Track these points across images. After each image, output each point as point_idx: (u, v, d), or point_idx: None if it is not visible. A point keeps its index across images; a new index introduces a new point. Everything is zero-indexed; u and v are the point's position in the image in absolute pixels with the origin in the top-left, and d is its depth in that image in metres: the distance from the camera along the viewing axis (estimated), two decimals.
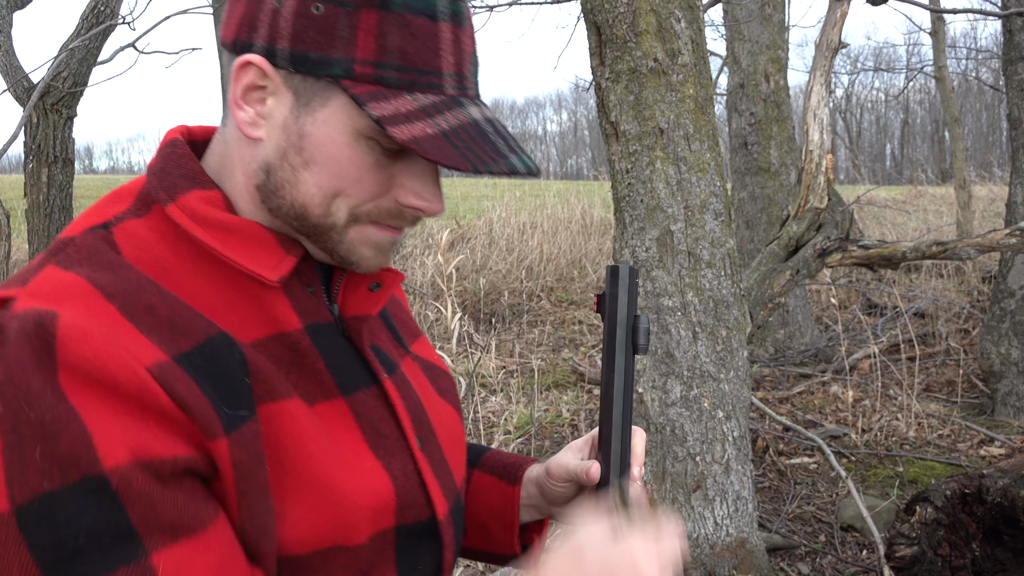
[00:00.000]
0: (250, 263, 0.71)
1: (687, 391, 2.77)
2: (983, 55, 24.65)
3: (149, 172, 0.75)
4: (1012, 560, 2.40)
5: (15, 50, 5.33)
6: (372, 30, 0.68)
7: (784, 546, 3.29)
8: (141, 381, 0.61)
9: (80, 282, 0.64)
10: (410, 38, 0.68)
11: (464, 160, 0.67)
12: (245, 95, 0.71)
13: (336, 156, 0.70)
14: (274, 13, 0.69)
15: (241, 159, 0.74)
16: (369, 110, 0.67)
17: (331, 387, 0.74)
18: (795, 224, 3.26)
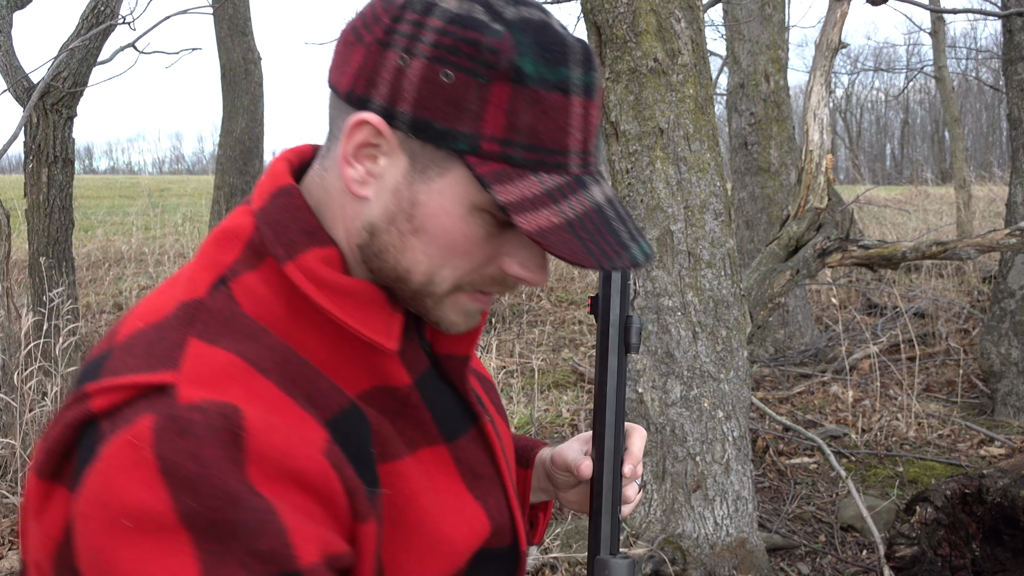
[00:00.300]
0: (367, 329, 0.69)
1: (687, 391, 2.77)
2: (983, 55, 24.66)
3: (261, 220, 0.70)
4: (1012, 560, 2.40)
5: (15, 50, 5.33)
6: (503, 105, 0.64)
7: (784, 546, 3.29)
8: (323, 470, 0.61)
9: (235, 361, 0.63)
10: (541, 115, 0.65)
11: (589, 256, 0.65)
12: (357, 153, 0.68)
13: (449, 229, 0.68)
14: (397, 72, 0.65)
15: (343, 213, 0.71)
16: (494, 194, 0.64)
17: (435, 435, 0.75)
18: (795, 224, 3.26)
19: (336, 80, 0.69)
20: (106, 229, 12.54)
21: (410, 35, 0.65)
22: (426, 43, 0.65)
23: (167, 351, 0.62)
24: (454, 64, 0.64)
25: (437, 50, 0.65)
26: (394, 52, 0.66)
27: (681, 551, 2.75)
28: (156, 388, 0.60)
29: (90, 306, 7.33)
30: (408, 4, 0.66)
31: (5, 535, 3.36)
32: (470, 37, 0.64)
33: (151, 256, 9.58)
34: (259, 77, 9.39)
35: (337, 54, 0.71)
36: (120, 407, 0.59)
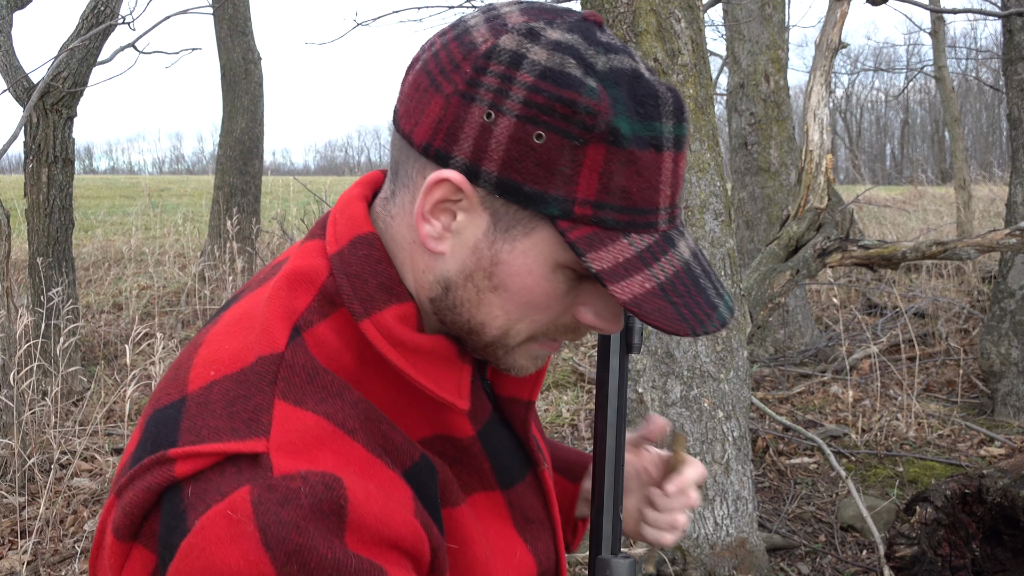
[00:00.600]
0: (439, 388, 0.68)
1: (687, 391, 2.77)
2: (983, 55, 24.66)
3: (338, 268, 0.68)
4: (1012, 560, 2.40)
5: (15, 50, 5.33)
6: (597, 167, 0.61)
7: (784, 546, 3.29)
8: (416, 534, 0.61)
9: (322, 424, 0.61)
10: (634, 176, 0.62)
11: (684, 324, 0.63)
12: (434, 209, 0.65)
13: (531, 287, 0.66)
14: (483, 129, 0.62)
15: (413, 264, 0.68)
16: (588, 261, 0.62)
17: (491, 481, 0.75)
18: (795, 224, 3.26)
19: (409, 129, 0.66)
20: (106, 229, 12.54)
21: (497, 89, 0.62)
22: (516, 100, 0.61)
23: (253, 414, 0.60)
24: (547, 125, 0.61)
25: (528, 109, 0.61)
26: (479, 107, 0.62)
27: (681, 551, 2.75)
28: (247, 456, 0.58)
29: (90, 306, 7.33)
30: (493, 54, 0.62)
31: (5, 535, 3.36)
32: (565, 97, 0.61)
33: (151, 256, 9.58)
34: (259, 77, 9.39)
35: (407, 97, 0.67)
36: (205, 472, 0.58)
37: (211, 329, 0.69)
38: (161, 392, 0.65)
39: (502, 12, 0.66)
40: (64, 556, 3.21)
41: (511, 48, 0.62)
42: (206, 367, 0.64)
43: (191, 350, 0.68)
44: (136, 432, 0.65)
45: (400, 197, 0.68)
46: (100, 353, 6.03)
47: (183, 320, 6.96)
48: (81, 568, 3.10)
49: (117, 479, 0.63)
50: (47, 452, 3.94)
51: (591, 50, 0.63)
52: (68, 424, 4.33)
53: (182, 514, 0.57)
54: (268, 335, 0.64)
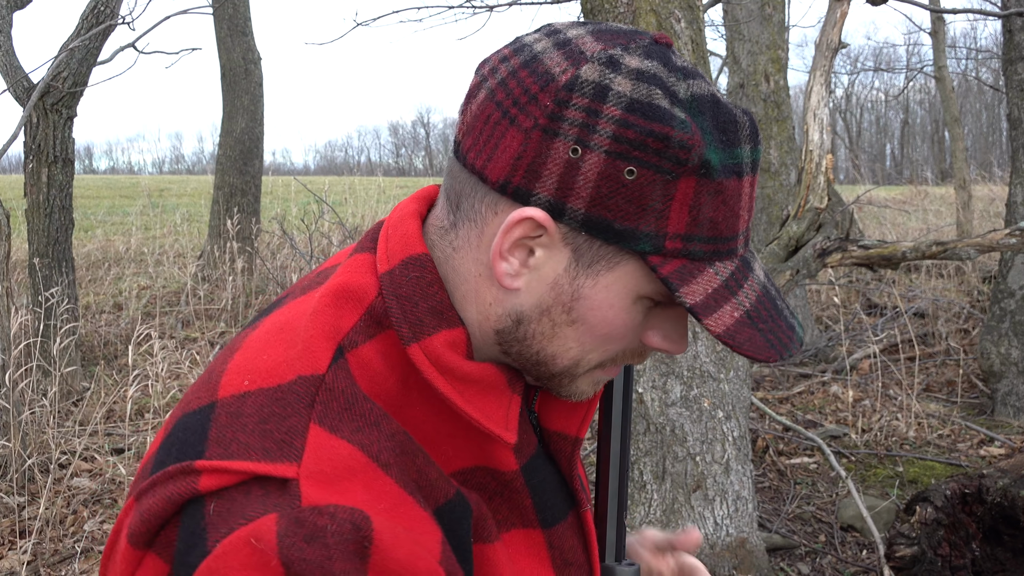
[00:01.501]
0: (486, 419, 0.65)
1: (687, 391, 2.77)
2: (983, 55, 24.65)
3: (388, 289, 0.65)
4: (1012, 560, 2.40)
5: (15, 50, 5.33)
6: (688, 200, 0.60)
7: (784, 546, 3.29)
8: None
9: (356, 455, 0.59)
10: (721, 205, 0.62)
11: (771, 350, 0.63)
12: (513, 247, 0.63)
13: (611, 320, 0.65)
14: (568, 166, 0.60)
15: (478, 297, 0.66)
16: (682, 296, 0.61)
17: (532, 519, 0.72)
18: (795, 224, 3.26)
19: (481, 165, 0.63)
20: (106, 229, 12.54)
21: (582, 124, 0.59)
22: (604, 135, 0.59)
23: (286, 435, 0.58)
24: (638, 160, 0.59)
25: (618, 144, 0.59)
26: (563, 143, 0.60)
27: None
28: (276, 480, 0.56)
29: (90, 306, 7.33)
30: (575, 86, 0.60)
31: (5, 535, 3.36)
32: (657, 131, 0.59)
33: (151, 256, 9.58)
34: (259, 77, 9.39)
35: (473, 129, 0.64)
36: (230, 489, 0.56)
37: (250, 334, 0.67)
38: (192, 395, 0.64)
39: (572, 37, 0.64)
40: (64, 556, 3.21)
41: (594, 79, 0.60)
42: (240, 375, 0.62)
43: (227, 353, 0.66)
44: (161, 433, 0.64)
45: (464, 230, 0.66)
46: (100, 353, 6.03)
47: (183, 320, 6.96)
48: (81, 568, 3.10)
49: (137, 481, 0.61)
50: (46, 452, 3.94)
51: (672, 77, 0.62)
52: (68, 424, 4.33)
53: (202, 531, 0.55)
54: (310, 354, 0.62)
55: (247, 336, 0.67)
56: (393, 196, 13.23)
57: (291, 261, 8.14)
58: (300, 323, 0.64)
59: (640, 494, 2.89)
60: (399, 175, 46.40)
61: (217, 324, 6.81)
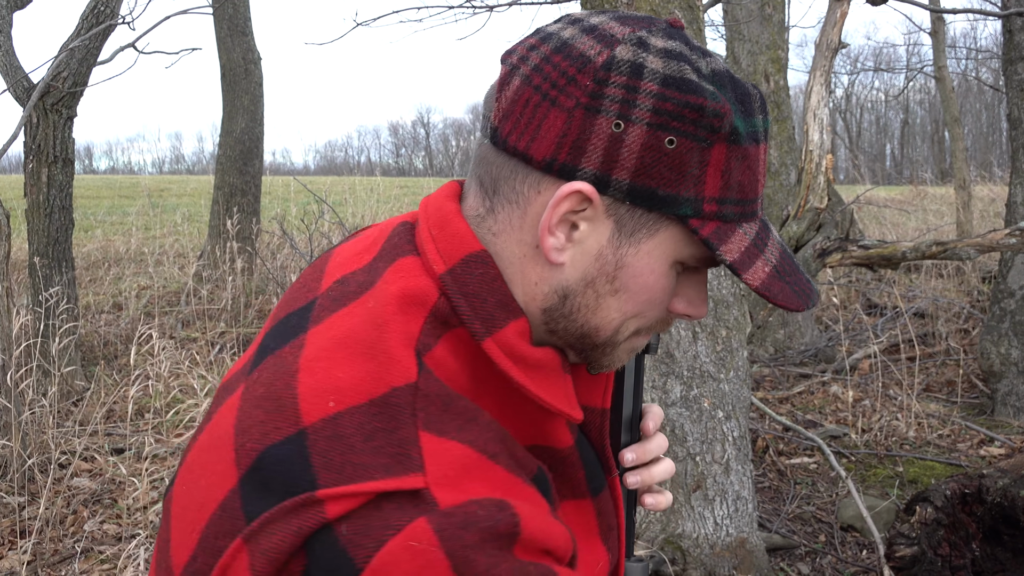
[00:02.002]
0: (555, 400, 0.69)
1: (687, 391, 2.77)
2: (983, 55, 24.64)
3: (453, 289, 0.67)
4: (1012, 560, 2.40)
5: (15, 50, 5.33)
6: (720, 165, 0.65)
7: (784, 546, 3.29)
8: (568, 542, 0.64)
9: (468, 453, 0.62)
10: (746, 169, 0.67)
11: (798, 300, 0.69)
12: (560, 223, 0.67)
13: (651, 285, 0.69)
14: (612, 139, 0.64)
15: (524, 279, 0.69)
16: (721, 254, 0.66)
17: (583, 490, 0.76)
18: (795, 224, 3.26)
19: (524, 146, 0.66)
20: (106, 229, 12.53)
21: (623, 100, 0.64)
22: (644, 109, 0.64)
23: (400, 448, 0.60)
24: (677, 130, 0.64)
25: (658, 116, 0.64)
26: (605, 118, 0.64)
27: (681, 551, 2.75)
28: (405, 493, 0.58)
29: (90, 306, 7.33)
30: (612, 65, 0.64)
31: (5, 535, 3.36)
32: (692, 102, 0.64)
33: (151, 256, 9.58)
34: (259, 77, 9.39)
35: (512, 114, 0.67)
36: (358, 511, 0.57)
37: (301, 353, 0.66)
38: (262, 426, 0.63)
39: (598, 23, 0.68)
40: (64, 556, 3.21)
41: (628, 59, 0.64)
42: (320, 397, 0.62)
43: (286, 379, 0.65)
44: (230, 470, 0.63)
45: (504, 214, 0.69)
46: (100, 353, 6.03)
47: (183, 320, 6.96)
48: (81, 568, 3.10)
49: (225, 525, 0.61)
50: (46, 452, 3.94)
51: (694, 55, 0.67)
52: (68, 424, 4.33)
53: (342, 554, 0.56)
54: (396, 363, 0.63)
55: (300, 356, 0.66)
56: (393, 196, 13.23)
57: (291, 261, 8.14)
58: (366, 335, 0.65)
59: None
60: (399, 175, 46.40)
61: (217, 324, 6.81)
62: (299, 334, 0.69)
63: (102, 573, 3.08)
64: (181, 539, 0.65)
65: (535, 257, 0.68)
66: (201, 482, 0.65)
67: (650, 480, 0.85)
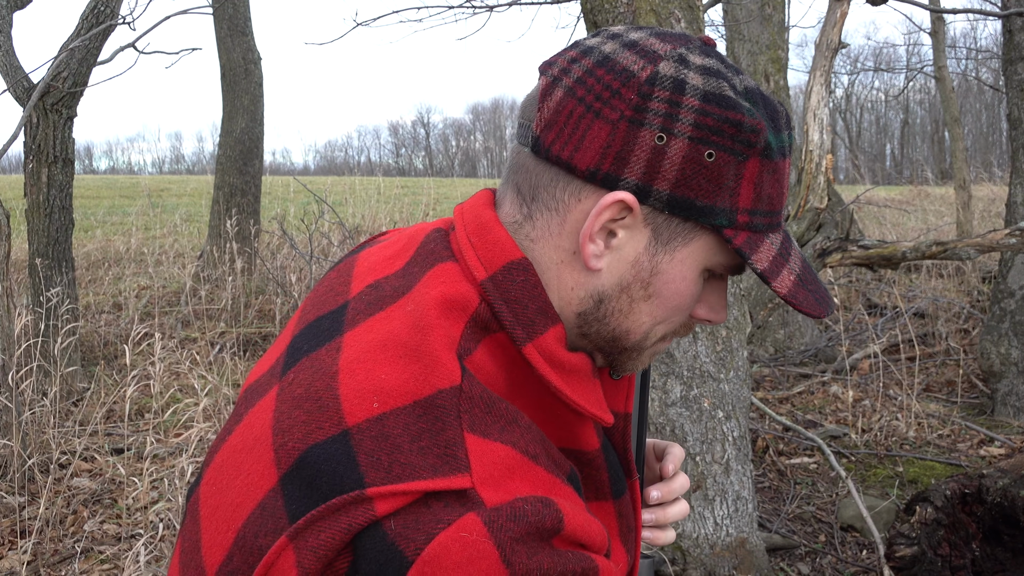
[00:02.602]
0: (589, 405, 0.72)
1: (687, 391, 2.77)
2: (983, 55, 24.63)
3: (494, 296, 0.70)
4: (1012, 560, 2.40)
5: (15, 50, 5.33)
6: (753, 178, 0.69)
7: (784, 546, 3.29)
8: (605, 540, 0.66)
9: (511, 454, 0.64)
10: (775, 183, 0.71)
11: (820, 307, 0.72)
12: (600, 230, 0.70)
13: (682, 291, 0.72)
14: (655, 152, 0.67)
15: (560, 283, 0.72)
16: (753, 263, 0.69)
17: (606, 492, 0.78)
18: (795, 224, 3.26)
19: (568, 155, 0.69)
20: (106, 229, 12.53)
21: (666, 114, 0.67)
22: (686, 123, 0.67)
23: (446, 449, 0.61)
24: (716, 144, 0.67)
25: (699, 131, 0.67)
26: (649, 131, 0.67)
27: (681, 551, 2.75)
28: (452, 493, 0.60)
29: (90, 306, 7.33)
30: (656, 80, 0.67)
31: (5, 535, 3.36)
32: (732, 118, 0.67)
33: (151, 256, 9.58)
34: (259, 77, 9.38)
35: (555, 124, 0.70)
36: (406, 508, 0.59)
37: (340, 355, 0.68)
38: (304, 426, 0.64)
39: (638, 39, 0.71)
40: (64, 556, 3.21)
41: (671, 75, 0.68)
42: (363, 398, 0.64)
43: (326, 380, 0.67)
44: (268, 470, 0.64)
45: (543, 220, 0.72)
46: (100, 353, 6.03)
47: (183, 320, 6.96)
48: (81, 568, 3.10)
49: (267, 524, 0.62)
50: (47, 452, 3.94)
51: (728, 72, 0.70)
52: (68, 424, 4.33)
53: (392, 547, 0.58)
54: (441, 366, 0.65)
55: (339, 358, 0.68)
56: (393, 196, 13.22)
57: (291, 261, 8.14)
58: (408, 337, 0.67)
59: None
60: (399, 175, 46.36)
61: (217, 324, 6.81)
62: (335, 336, 0.71)
63: (102, 573, 3.08)
64: (214, 539, 0.66)
65: (573, 263, 0.71)
66: (236, 482, 0.66)
67: (664, 520, 0.88)
